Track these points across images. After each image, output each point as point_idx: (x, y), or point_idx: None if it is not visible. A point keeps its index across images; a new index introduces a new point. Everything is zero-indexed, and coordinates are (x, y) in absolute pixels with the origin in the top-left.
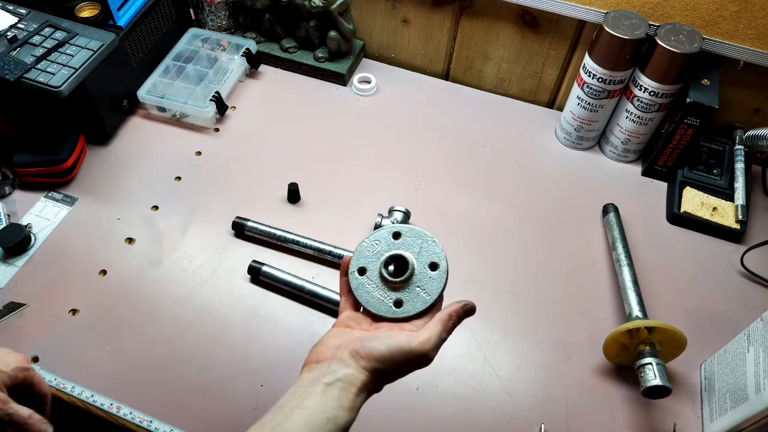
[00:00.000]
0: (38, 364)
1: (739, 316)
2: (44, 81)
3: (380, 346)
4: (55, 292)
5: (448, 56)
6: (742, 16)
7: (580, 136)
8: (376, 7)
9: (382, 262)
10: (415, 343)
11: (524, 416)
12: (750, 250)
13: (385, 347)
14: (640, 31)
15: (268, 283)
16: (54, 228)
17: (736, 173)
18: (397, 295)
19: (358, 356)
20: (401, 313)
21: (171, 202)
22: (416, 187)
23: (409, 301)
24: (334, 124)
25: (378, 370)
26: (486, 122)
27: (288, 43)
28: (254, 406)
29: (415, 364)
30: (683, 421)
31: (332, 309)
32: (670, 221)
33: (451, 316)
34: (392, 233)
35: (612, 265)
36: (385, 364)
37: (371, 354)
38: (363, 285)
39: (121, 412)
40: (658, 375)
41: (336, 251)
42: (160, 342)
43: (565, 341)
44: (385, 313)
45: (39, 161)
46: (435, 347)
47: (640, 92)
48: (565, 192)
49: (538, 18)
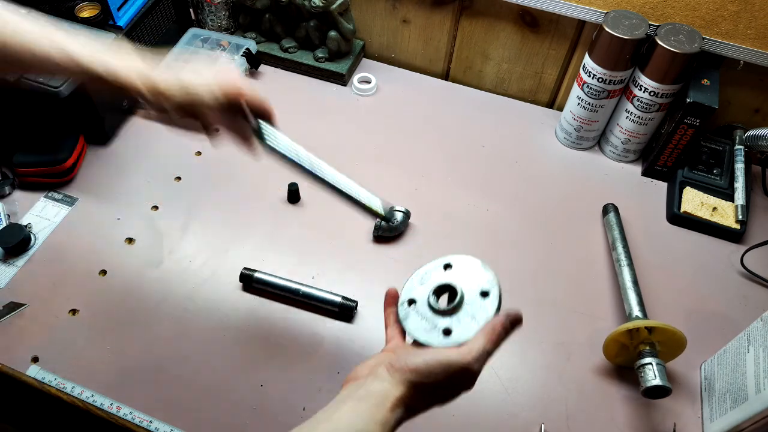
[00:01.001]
0: (38, 364)
1: (739, 316)
2: (44, 81)
3: (416, 358)
4: (55, 292)
5: (448, 56)
6: (742, 16)
7: (580, 136)
8: (376, 7)
9: (431, 291)
10: (454, 353)
11: (524, 416)
12: (750, 250)
13: (421, 359)
14: (640, 31)
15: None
16: (54, 228)
17: (736, 173)
18: (446, 324)
19: (393, 369)
20: (450, 341)
21: (171, 202)
22: (416, 187)
23: (459, 329)
24: (334, 124)
25: (414, 383)
26: (486, 122)
27: (288, 43)
28: (254, 406)
29: (457, 379)
30: (683, 421)
31: (329, 310)
32: (670, 221)
33: (495, 327)
34: (443, 264)
35: (612, 265)
36: (422, 377)
37: (407, 365)
38: (411, 315)
39: (121, 412)
40: (658, 375)
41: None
42: (160, 342)
43: (565, 341)
44: (434, 341)
45: (39, 161)
46: (477, 359)
47: (640, 92)
48: (565, 192)
49: (538, 18)
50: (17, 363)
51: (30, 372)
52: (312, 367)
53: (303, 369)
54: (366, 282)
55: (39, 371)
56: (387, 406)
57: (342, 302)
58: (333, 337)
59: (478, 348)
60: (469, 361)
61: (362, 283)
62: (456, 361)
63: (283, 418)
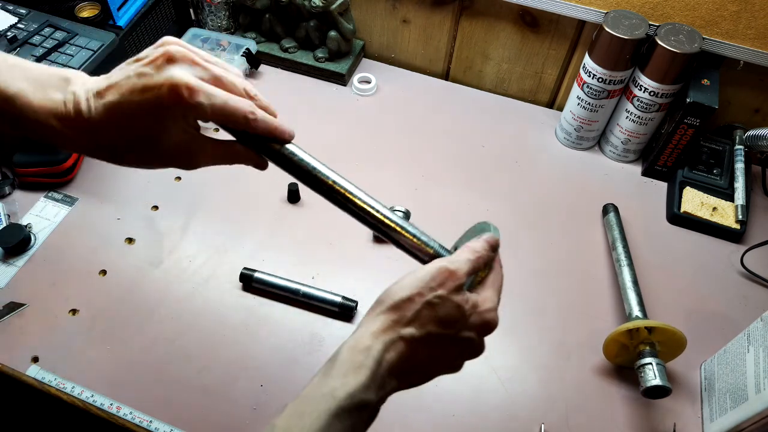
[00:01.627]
0: (38, 364)
1: (739, 316)
2: None
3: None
4: (55, 292)
5: (448, 56)
6: (742, 16)
7: (580, 136)
8: (376, 7)
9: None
10: (431, 264)
11: (524, 416)
12: (750, 250)
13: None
14: (640, 31)
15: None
16: (54, 228)
17: (736, 173)
18: None
19: (373, 307)
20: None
21: (171, 202)
22: (416, 187)
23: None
24: (334, 124)
25: (390, 307)
26: (486, 122)
27: (288, 43)
28: (254, 406)
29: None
30: (683, 421)
31: (329, 310)
32: (670, 221)
33: (472, 244)
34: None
35: (612, 265)
36: (395, 294)
37: (383, 293)
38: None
39: (121, 412)
40: (658, 375)
41: (343, 302)
42: (160, 342)
43: (565, 341)
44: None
45: (39, 161)
46: (462, 265)
47: (640, 92)
48: (565, 192)
49: (538, 18)
50: (17, 363)
51: (30, 372)
52: (312, 367)
53: (303, 369)
54: (366, 282)
55: (39, 371)
56: (359, 349)
57: (342, 302)
58: (333, 337)
59: (461, 257)
60: (446, 266)
61: (362, 283)
62: (433, 267)
63: None
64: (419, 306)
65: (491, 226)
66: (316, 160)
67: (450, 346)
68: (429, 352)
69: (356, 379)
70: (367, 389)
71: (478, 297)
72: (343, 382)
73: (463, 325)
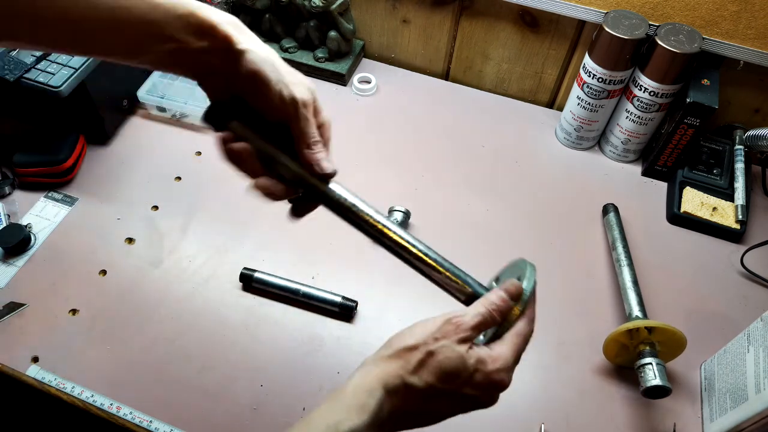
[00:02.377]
0: (38, 364)
1: (739, 316)
2: (44, 81)
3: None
4: (55, 292)
5: (448, 56)
6: (742, 16)
7: (580, 136)
8: (376, 7)
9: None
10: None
11: (524, 416)
12: (750, 250)
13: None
14: (640, 31)
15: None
16: (54, 228)
17: (736, 173)
18: None
19: (382, 348)
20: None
21: (171, 202)
22: (416, 187)
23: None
24: (333, 124)
25: (394, 353)
26: (486, 122)
27: (288, 43)
28: (254, 406)
29: (445, 338)
30: (683, 421)
31: (329, 310)
32: (670, 221)
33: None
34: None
35: (612, 265)
36: (400, 343)
37: (393, 338)
38: None
39: (121, 412)
40: (658, 375)
41: (343, 302)
42: (160, 342)
43: (565, 341)
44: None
45: (39, 161)
46: (469, 319)
47: (640, 92)
48: (565, 192)
49: (538, 18)
50: (17, 363)
51: (30, 372)
52: (312, 367)
53: (303, 369)
54: (366, 282)
55: (39, 371)
56: (364, 389)
57: (342, 302)
58: (333, 337)
59: (471, 309)
60: (450, 317)
61: (362, 283)
62: (436, 319)
63: (283, 418)
64: (422, 355)
65: (528, 269)
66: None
67: (451, 400)
68: (430, 403)
69: (360, 418)
70: (368, 429)
71: (489, 353)
72: (347, 418)
73: (466, 381)
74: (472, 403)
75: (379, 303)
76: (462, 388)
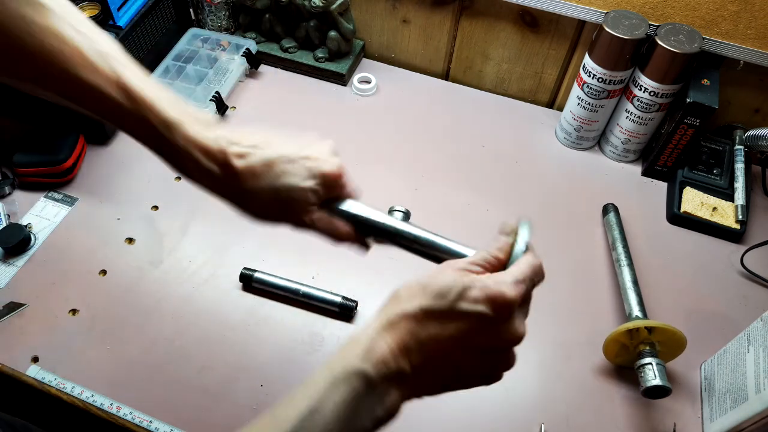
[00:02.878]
0: (38, 364)
1: (739, 316)
2: None
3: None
4: (55, 292)
5: (448, 56)
6: (742, 16)
7: (580, 136)
8: (376, 7)
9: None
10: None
11: (524, 416)
12: (750, 250)
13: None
14: (640, 31)
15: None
16: (54, 228)
17: (736, 173)
18: None
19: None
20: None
21: (171, 202)
22: (416, 187)
23: None
24: (334, 124)
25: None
26: (486, 122)
27: (288, 43)
28: (254, 406)
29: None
30: (683, 421)
31: (329, 310)
32: (670, 221)
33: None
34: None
35: (612, 265)
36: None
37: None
38: None
39: (121, 412)
40: (658, 375)
41: (344, 302)
42: (160, 342)
43: (565, 341)
44: None
45: (39, 161)
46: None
47: (640, 92)
48: (565, 192)
49: (538, 18)
50: (17, 363)
51: (30, 372)
52: (312, 366)
53: (303, 369)
54: (366, 282)
55: (39, 371)
56: (355, 349)
57: (342, 302)
58: (333, 337)
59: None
60: (451, 264)
61: (362, 283)
62: (438, 268)
63: None
64: (417, 285)
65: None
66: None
67: (450, 320)
68: (429, 327)
69: (353, 350)
70: (362, 359)
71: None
72: (341, 356)
73: (460, 295)
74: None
75: (379, 303)
76: (458, 303)
